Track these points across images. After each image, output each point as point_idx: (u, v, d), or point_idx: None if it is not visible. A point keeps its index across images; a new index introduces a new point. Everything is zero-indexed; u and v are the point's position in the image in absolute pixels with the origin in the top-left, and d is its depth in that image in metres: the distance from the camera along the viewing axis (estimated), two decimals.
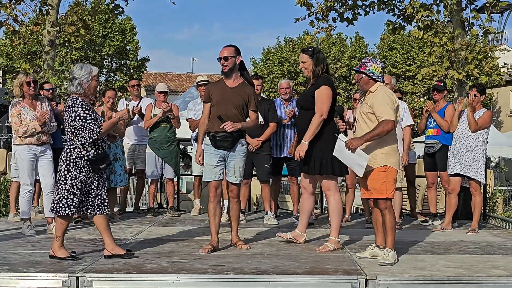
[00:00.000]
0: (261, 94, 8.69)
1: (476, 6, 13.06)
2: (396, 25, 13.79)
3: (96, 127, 5.57)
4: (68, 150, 5.60)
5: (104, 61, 33.45)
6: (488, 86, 18.82)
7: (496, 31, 13.72)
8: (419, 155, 16.70)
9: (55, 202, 5.61)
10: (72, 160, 5.57)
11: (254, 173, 8.69)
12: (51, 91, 8.88)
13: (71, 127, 5.59)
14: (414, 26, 13.57)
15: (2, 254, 5.88)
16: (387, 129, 5.64)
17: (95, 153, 5.62)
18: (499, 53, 20.63)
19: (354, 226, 8.40)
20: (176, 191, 10.29)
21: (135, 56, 33.73)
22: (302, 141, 6.27)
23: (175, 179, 9.86)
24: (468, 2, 12.84)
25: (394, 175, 5.77)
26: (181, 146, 15.52)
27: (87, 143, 5.58)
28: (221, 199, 8.07)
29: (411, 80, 33.15)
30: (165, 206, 10.58)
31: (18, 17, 12.51)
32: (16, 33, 13.05)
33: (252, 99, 6.26)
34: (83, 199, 5.68)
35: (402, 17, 13.68)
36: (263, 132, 8.31)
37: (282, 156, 8.63)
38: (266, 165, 8.37)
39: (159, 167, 9.15)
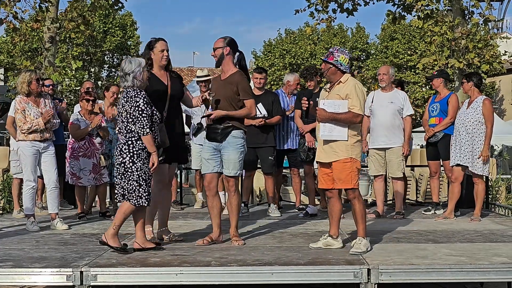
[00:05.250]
0: (264, 87, 8.68)
1: None
2: (396, 15, 13.77)
3: (147, 127, 5.51)
4: (129, 142, 5.54)
5: (106, 57, 33.53)
6: (490, 74, 18.79)
7: (496, 19, 13.67)
8: (421, 145, 16.75)
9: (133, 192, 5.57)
10: (135, 152, 5.53)
11: (258, 165, 8.69)
12: (51, 87, 8.92)
13: (133, 117, 5.52)
14: (414, 16, 13.54)
15: (6, 250, 5.91)
16: (355, 121, 5.67)
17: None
18: (500, 41, 20.59)
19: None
20: (178, 185, 10.28)
21: (136, 51, 33.79)
22: None
23: (177, 172, 9.86)
24: None
25: (358, 166, 5.78)
26: None
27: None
28: (221, 192, 8.05)
29: (412, 70, 33.10)
30: None
31: (18, 14, 12.51)
32: (16, 30, 13.06)
33: (241, 87, 6.02)
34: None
35: (402, 6, 13.66)
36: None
37: (285, 148, 8.64)
38: (270, 157, 8.34)
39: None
